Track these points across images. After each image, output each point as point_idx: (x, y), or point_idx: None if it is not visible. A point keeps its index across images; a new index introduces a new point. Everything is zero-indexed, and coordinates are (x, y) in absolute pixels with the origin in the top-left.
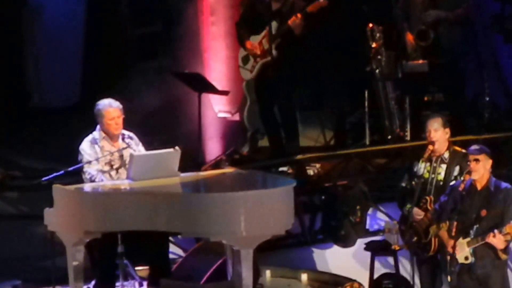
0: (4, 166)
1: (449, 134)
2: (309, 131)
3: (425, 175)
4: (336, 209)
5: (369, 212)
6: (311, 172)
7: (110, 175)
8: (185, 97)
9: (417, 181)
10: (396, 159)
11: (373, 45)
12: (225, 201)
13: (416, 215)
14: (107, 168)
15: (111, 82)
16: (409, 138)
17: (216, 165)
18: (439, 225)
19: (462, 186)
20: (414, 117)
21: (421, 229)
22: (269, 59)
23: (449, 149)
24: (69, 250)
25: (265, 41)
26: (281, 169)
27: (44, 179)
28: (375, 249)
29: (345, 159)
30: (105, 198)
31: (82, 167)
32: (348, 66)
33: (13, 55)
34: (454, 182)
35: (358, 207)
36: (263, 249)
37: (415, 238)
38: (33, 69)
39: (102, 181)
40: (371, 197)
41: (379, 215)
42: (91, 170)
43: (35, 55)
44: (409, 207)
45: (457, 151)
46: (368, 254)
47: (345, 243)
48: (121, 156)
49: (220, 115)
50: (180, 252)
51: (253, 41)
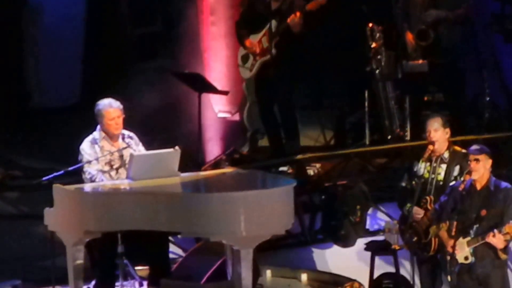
0: (4, 166)
1: (449, 134)
2: (309, 131)
3: (425, 175)
4: (336, 209)
5: (369, 212)
6: (311, 172)
7: (110, 175)
8: (185, 97)
9: (417, 181)
10: (396, 159)
11: (373, 45)
12: (225, 201)
13: (416, 214)
14: (107, 168)
15: (111, 82)
16: (409, 138)
17: (216, 165)
18: (439, 225)
19: (462, 186)
20: (414, 117)
21: (421, 229)
22: (269, 57)
23: (449, 149)
24: (69, 250)
25: (265, 39)
26: (281, 169)
27: (44, 179)
28: (375, 249)
29: (345, 159)
30: (105, 198)
31: (82, 167)
32: (348, 66)
33: (13, 55)
34: (454, 182)
35: (358, 207)
36: (263, 249)
37: (415, 238)
38: (33, 69)
39: (102, 181)
40: (371, 197)
41: (379, 215)
42: (91, 170)
43: (35, 55)
44: (409, 207)
45: (457, 151)
46: (368, 254)
47: (345, 243)
48: (121, 156)
49: (220, 115)
50: (180, 252)
51: (253, 40)
